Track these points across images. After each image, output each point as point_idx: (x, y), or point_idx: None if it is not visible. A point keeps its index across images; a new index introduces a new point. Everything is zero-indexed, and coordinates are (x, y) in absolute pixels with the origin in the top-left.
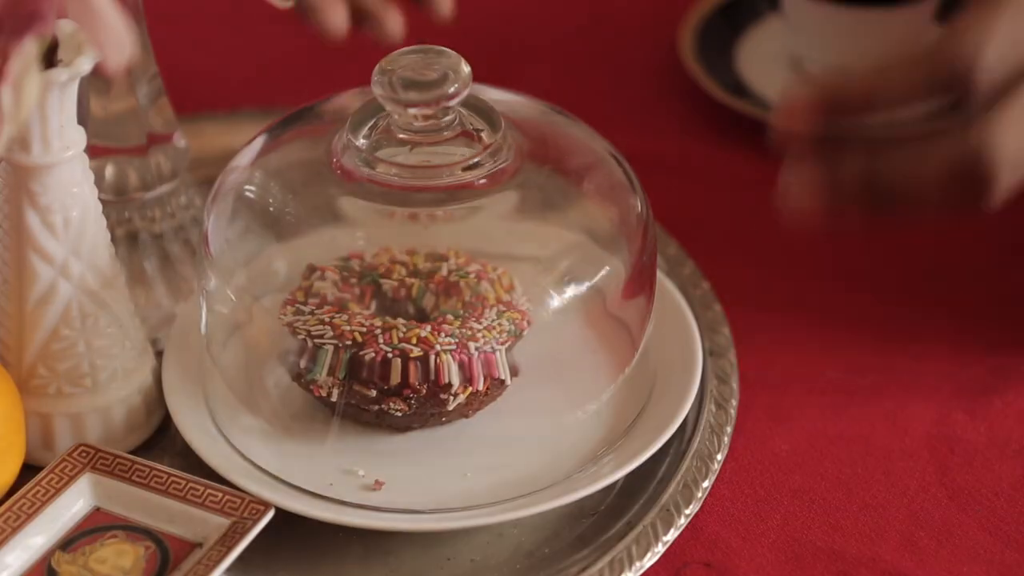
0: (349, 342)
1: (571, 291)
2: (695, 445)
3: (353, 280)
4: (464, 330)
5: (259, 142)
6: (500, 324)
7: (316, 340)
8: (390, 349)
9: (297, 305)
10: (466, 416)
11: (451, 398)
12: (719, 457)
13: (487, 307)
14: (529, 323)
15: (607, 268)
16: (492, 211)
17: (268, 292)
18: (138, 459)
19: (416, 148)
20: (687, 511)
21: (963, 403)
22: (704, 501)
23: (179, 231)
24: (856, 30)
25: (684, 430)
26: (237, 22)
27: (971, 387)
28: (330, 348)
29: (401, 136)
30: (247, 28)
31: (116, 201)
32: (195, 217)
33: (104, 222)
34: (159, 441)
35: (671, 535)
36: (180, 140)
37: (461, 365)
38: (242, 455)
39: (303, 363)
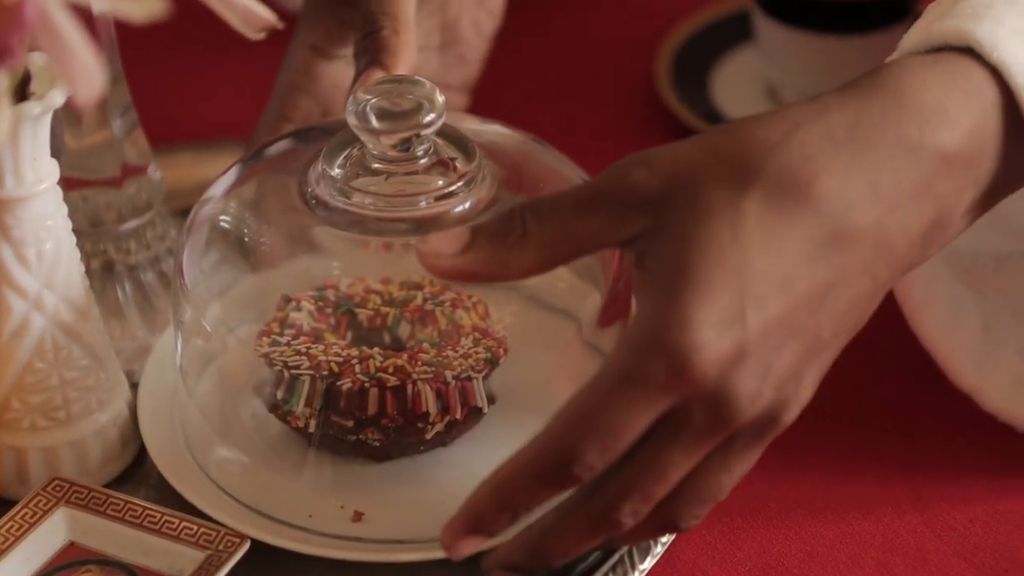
0: (326, 372)
1: (546, 319)
2: None
3: (328, 310)
4: (441, 358)
5: (233, 173)
6: (477, 352)
7: (292, 371)
8: (367, 379)
9: (273, 336)
10: (444, 444)
11: (429, 427)
12: None
13: (463, 335)
14: (505, 351)
15: (582, 296)
16: None
17: (243, 323)
18: (113, 492)
19: (391, 177)
20: (664, 539)
21: (937, 429)
22: None
23: (154, 263)
24: (830, 57)
25: None
26: (211, 53)
27: (946, 413)
28: (307, 379)
29: (376, 166)
30: (221, 59)
31: (91, 233)
32: (170, 248)
33: (78, 254)
34: (135, 473)
35: (648, 563)
36: (155, 172)
37: (439, 394)
38: (221, 488)
39: (280, 394)
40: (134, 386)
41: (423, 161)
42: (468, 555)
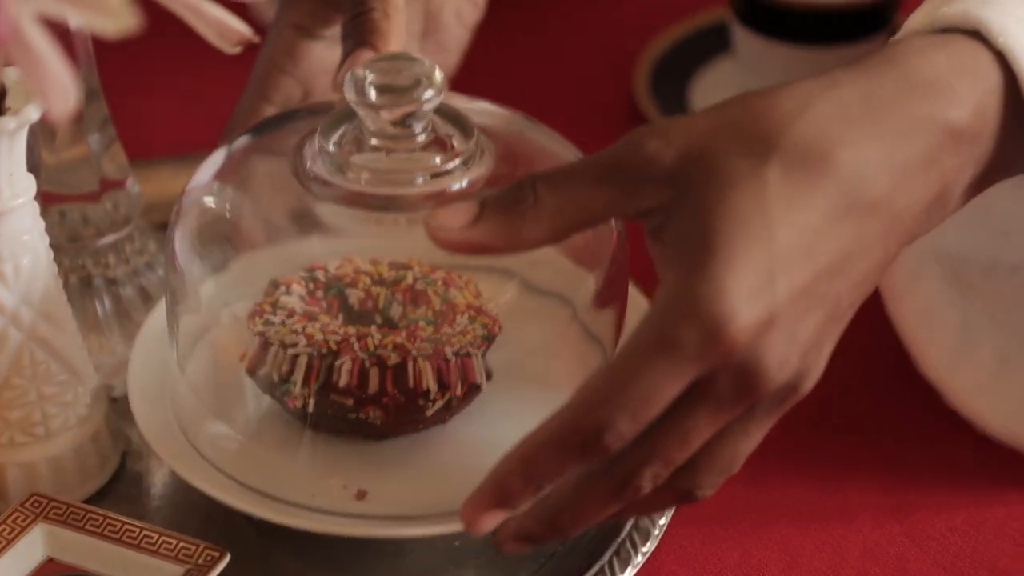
0: (324, 351)
1: (541, 301)
2: None
3: (319, 292)
4: (439, 336)
5: (221, 154)
6: (473, 329)
7: (290, 350)
8: (367, 357)
9: (266, 316)
10: (443, 422)
11: (430, 404)
12: None
13: (458, 313)
14: (500, 327)
15: (577, 277)
16: None
17: (239, 303)
18: (91, 508)
19: (389, 154)
20: (644, 549)
21: (918, 438)
22: (661, 539)
23: (133, 277)
24: (809, 68)
25: None
26: (189, 67)
27: (927, 422)
28: (305, 358)
29: (373, 142)
30: (199, 73)
31: (69, 248)
32: (149, 263)
33: (55, 269)
34: (114, 489)
35: (628, 573)
36: (133, 186)
37: (439, 371)
38: (221, 471)
39: (277, 375)
40: (114, 400)
41: (421, 138)
42: (490, 530)
